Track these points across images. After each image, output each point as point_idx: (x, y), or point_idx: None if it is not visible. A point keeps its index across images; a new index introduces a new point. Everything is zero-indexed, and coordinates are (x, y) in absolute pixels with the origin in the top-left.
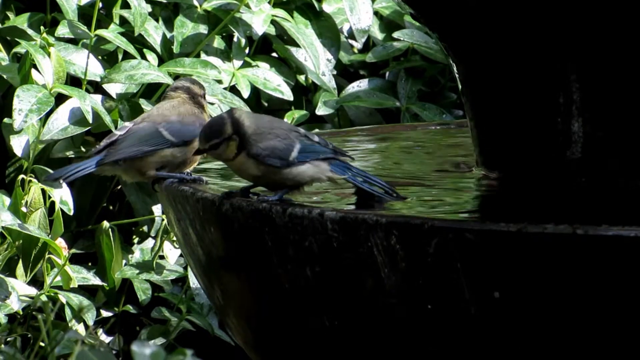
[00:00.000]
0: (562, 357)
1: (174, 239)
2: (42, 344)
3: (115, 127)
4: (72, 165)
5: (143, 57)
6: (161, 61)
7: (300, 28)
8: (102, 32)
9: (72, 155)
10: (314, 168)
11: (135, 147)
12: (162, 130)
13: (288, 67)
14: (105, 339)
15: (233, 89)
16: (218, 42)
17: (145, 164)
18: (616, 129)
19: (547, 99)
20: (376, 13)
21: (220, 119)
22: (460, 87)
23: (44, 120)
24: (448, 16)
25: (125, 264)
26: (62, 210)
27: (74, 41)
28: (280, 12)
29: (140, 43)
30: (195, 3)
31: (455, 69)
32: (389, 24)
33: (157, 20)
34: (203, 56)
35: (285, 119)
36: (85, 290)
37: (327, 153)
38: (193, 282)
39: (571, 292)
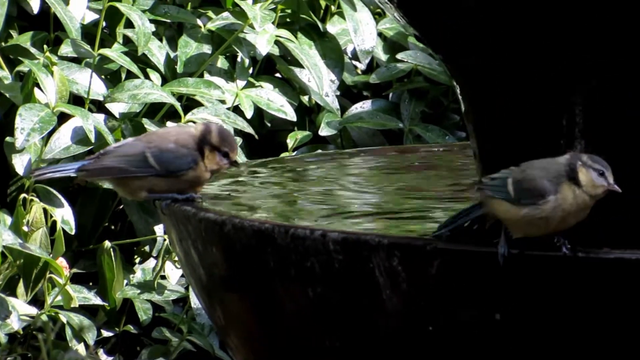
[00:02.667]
0: None
1: (176, 259)
2: None
3: None
4: (56, 165)
5: (146, 76)
6: (164, 81)
7: (304, 49)
8: (105, 51)
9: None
10: None
11: (117, 164)
12: (148, 155)
13: (291, 88)
14: (106, 359)
15: (236, 109)
16: (222, 62)
17: (128, 185)
18: (618, 152)
19: (550, 122)
20: (380, 34)
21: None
22: (463, 108)
23: (46, 139)
24: (452, 39)
25: (127, 284)
26: (63, 229)
27: (77, 60)
28: (284, 33)
29: (144, 62)
30: (199, 23)
31: (458, 90)
32: (392, 45)
33: (160, 40)
34: (207, 76)
35: (288, 140)
36: (86, 309)
37: None
38: (194, 302)
39: (568, 313)
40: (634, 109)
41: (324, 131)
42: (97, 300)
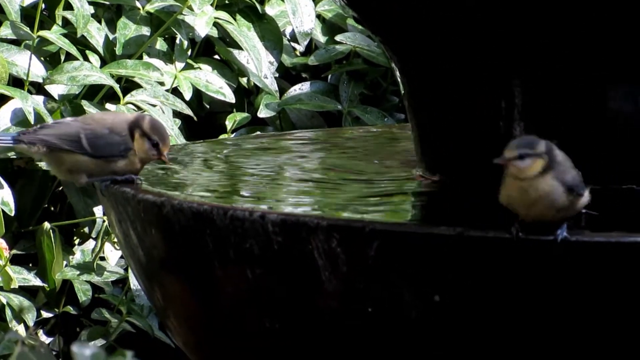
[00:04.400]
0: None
1: (115, 240)
2: None
3: None
4: None
5: (85, 58)
6: (104, 63)
7: (243, 31)
8: (44, 33)
9: (14, 157)
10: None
11: (52, 139)
12: (82, 137)
13: (230, 70)
14: (46, 339)
15: (175, 91)
16: (160, 44)
17: (63, 163)
18: (558, 134)
19: (489, 103)
20: (319, 16)
21: (534, 138)
22: (402, 90)
23: None
24: (389, 19)
25: (66, 265)
26: (3, 210)
27: (16, 42)
28: (223, 15)
29: (83, 44)
30: (138, 5)
31: (397, 72)
32: (331, 27)
33: (99, 22)
34: (145, 58)
35: (227, 121)
36: (26, 291)
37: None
38: (134, 283)
39: (509, 296)
40: (572, 91)
41: (263, 113)
42: (37, 282)
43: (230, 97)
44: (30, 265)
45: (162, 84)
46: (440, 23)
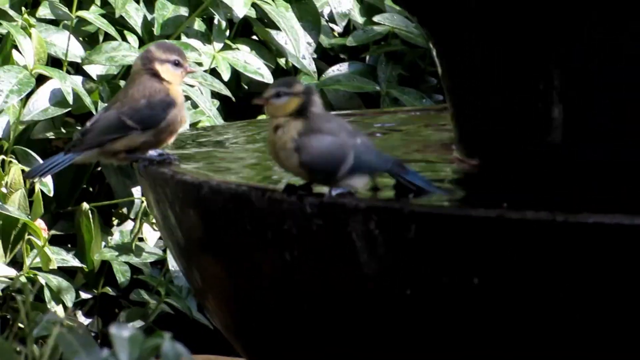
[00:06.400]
0: (540, 344)
1: (154, 221)
2: (21, 325)
3: (96, 109)
4: (48, 161)
5: (124, 38)
6: (142, 43)
7: (281, 11)
8: (83, 13)
9: (52, 137)
10: (363, 181)
11: (98, 137)
12: (125, 118)
13: (268, 50)
14: (84, 321)
15: (213, 72)
16: (199, 25)
17: (111, 149)
18: (597, 116)
19: (527, 86)
20: None
21: (294, 78)
22: (440, 71)
23: (24, 101)
24: (428, 2)
25: (105, 246)
26: (41, 191)
27: (55, 22)
28: None
29: (121, 25)
30: None
31: (435, 53)
32: (369, 8)
33: (138, 2)
34: (184, 38)
35: None
36: (65, 271)
37: (385, 167)
38: (172, 264)
39: (551, 280)
40: (610, 73)
41: None
42: (76, 262)
43: (268, 78)
44: (69, 246)
45: (200, 64)
46: (479, 3)
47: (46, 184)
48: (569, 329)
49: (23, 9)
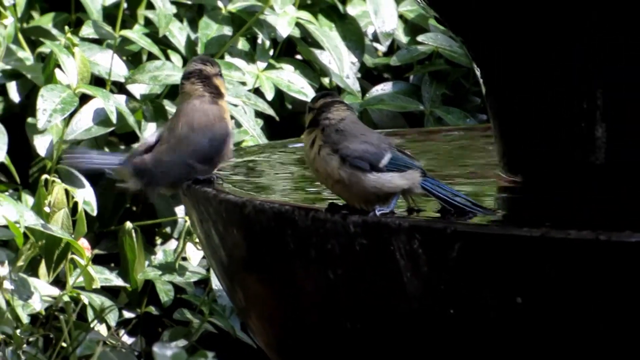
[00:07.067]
0: None
1: (197, 240)
2: (64, 344)
3: (139, 128)
4: (97, 157)
5: (167, 58)
6: (185, 62)
7: (325, 30)
8: (126, 32)
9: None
10: (405, 179)
11: (169, 179)
12: (193, 162)
13: (312, 70)
14: (127, 340)
15: (257, 91)
16: (242, 44)
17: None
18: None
19: (571, 104)
20: (401, 16)
21: (324, 93)
22: (483, 90)
23: (67, 120)
24: (471, 20)
25: (148, 265)
26: (85, 210)
27: (98, 41)
28: (305, 15)
29: (165, 44)
30: (220, 4)
31: (478, 72)
32: (413, 28)
33: (181, 22)
34: (227, 58)
35: None
36: (108, 291)
37: (418, 168)
38: (215, 284)
39: (595, 298)
40: None
41: None
42: (119, 282)
43: (312, 97)
44: (112, 265)
45: (244, 83)
46: (523, 23)
47: (89, 203)
48: (614, 348)
49: (66, 28)
